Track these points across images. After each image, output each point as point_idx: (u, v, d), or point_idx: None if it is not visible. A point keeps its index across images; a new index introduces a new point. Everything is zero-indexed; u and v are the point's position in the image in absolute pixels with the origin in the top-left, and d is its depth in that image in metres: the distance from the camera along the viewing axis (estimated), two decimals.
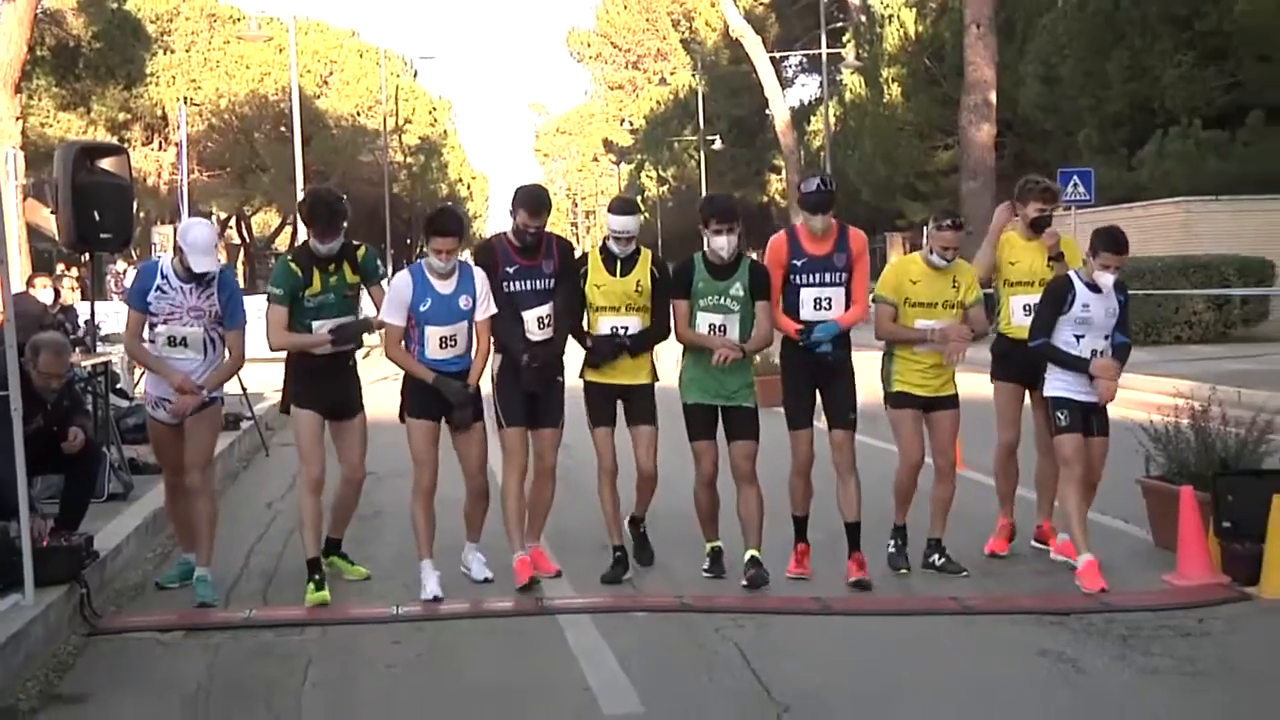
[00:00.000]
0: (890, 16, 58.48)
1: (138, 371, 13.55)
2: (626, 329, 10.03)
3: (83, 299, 17.89)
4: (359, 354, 10.44)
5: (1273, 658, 8.24)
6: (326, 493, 10.17)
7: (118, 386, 14.99)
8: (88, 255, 16.71)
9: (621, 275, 10.00)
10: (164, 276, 9.79)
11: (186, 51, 69.53)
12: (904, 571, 10.23)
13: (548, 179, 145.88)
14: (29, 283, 17.84)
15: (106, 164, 14.65)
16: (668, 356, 10.15)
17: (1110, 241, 10.04)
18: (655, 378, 10.28)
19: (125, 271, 37.19)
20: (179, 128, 58.55)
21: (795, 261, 10.05)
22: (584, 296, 10.18)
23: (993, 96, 42.53)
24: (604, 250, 10.15)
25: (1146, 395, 10.87)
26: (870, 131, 56.41)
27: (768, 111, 65.07)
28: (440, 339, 9.69)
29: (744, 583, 9.81)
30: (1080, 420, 10.12)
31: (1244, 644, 8.51)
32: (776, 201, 71.95)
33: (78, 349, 12.77)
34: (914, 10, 56.26)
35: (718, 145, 72.70)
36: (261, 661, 8.49)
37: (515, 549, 9.97)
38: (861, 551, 10.07)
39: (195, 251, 9.69)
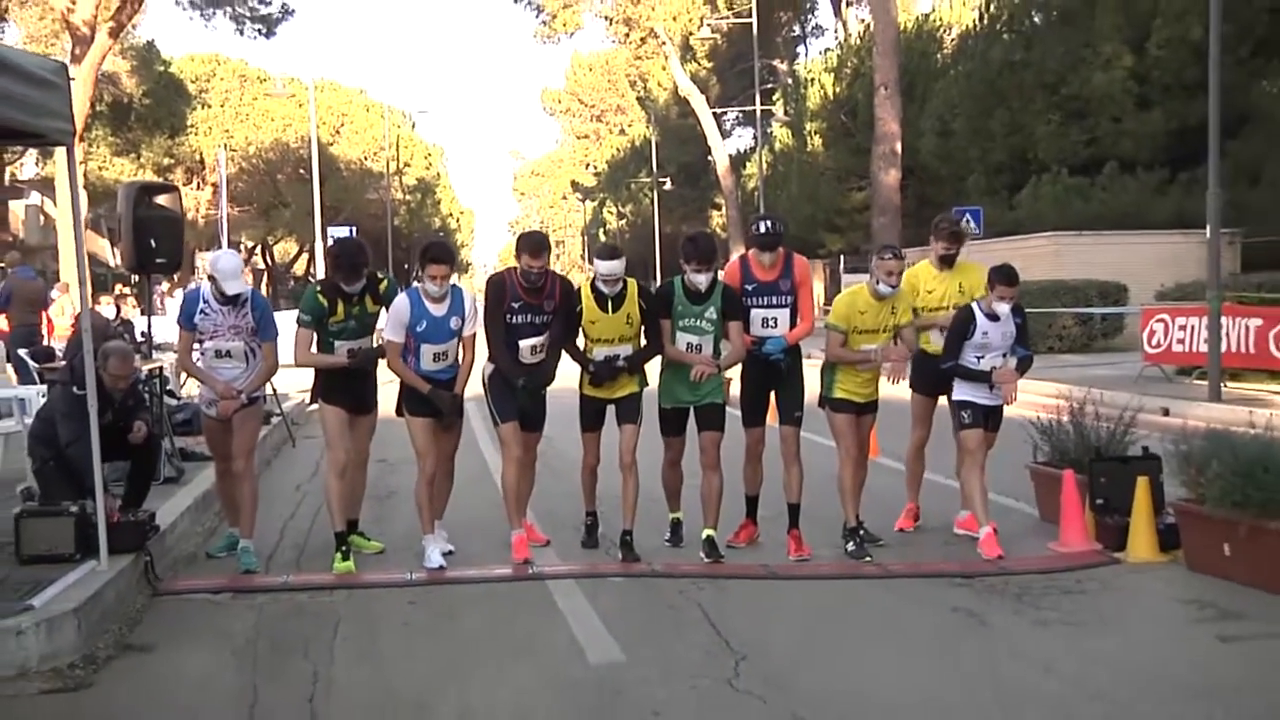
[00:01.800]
0: (812, 79, 58.75)
1: (184, 375, 13.47)
2: (619, 355, 9.98)
3: (141, 314, 17.80)
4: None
5: (1135, 609, 8.45)
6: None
7: (168, 388, 14.92)
8: (137, 276, 16.72)
9: (613, 311, 9.89)
10: (205, 301, 9.88)
11: (221, 106, 69.75)
12: (869, 559, 9.93)
13: (524, 214, 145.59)
14: (94, 301, 17.78)
15: (161, 200, 14.67)
16: (652, 363, 10.16)
17: (1004, 276, 10.17)
18: (645, 384, 10.26)
19: (169, 290, 37.05)
20: (216, 170, 58.39)
21: (747, 285, 10.13)
22: (579, 328, 10.10)
23: (898, 147, 42.77)
24: (594, 289, 9.98)
25: (1032, 396, 10.99)
26: (796, 175, 56.51)
27: (710, 158, 65.15)
28: (433, 354, 9.79)
29: (702, 555, 9.86)
30: (982, 418, 10.29)
31: (1113, 599, 8.71)
32: (718, 233, 71.94)
33: (137, 356, 12.72)
34: (832, 75, 56.45)
35: (668, 186, 72.73)
36: (298, 619, 8.50)
37: (514, 527, 9.96)
38: (799, 528, 10.14)
39: (226, 277, 9.78)
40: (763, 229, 10.24)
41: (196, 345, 10.11)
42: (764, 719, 6.45)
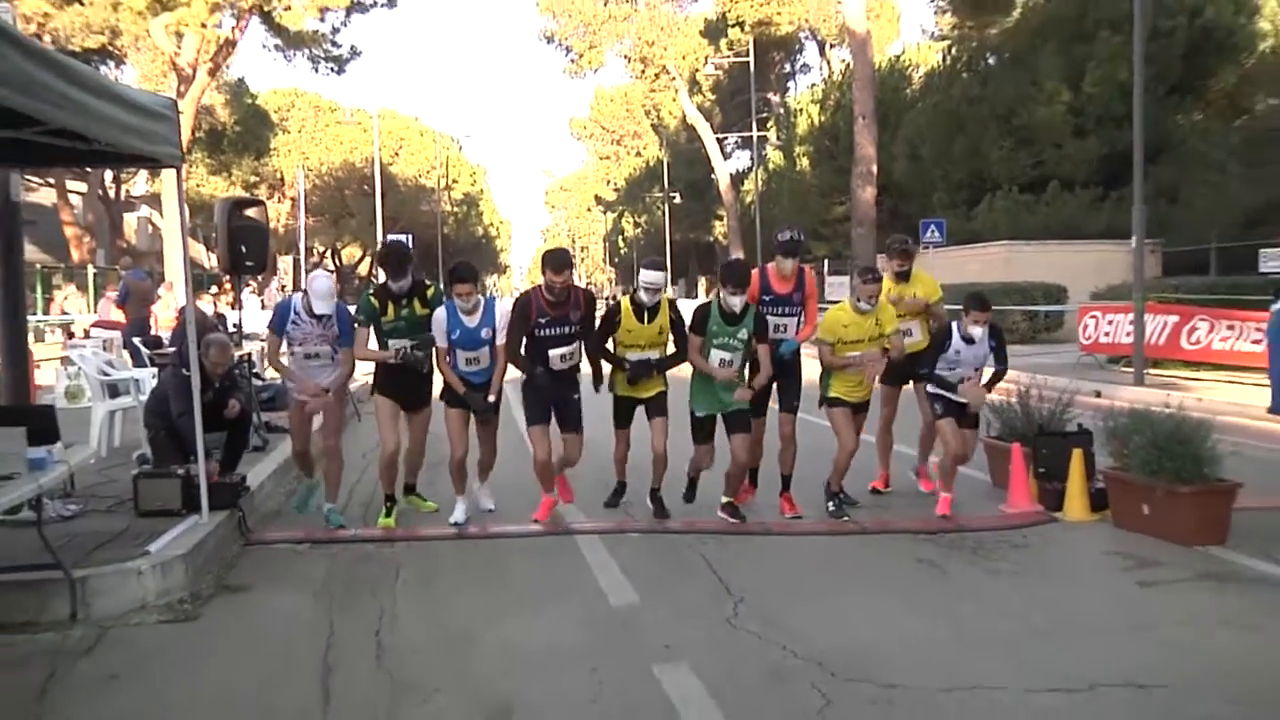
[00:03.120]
0: (801, 110, 58.74)
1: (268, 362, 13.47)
2: (649, 359, 9.77)
3: (231, 309, 17.86)
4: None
5: (1071, 560, 8.48)
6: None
7: (255, 371, 14.98)
8: (228, 277, 16.79)
9: (648, 322, 9.72)
10: (296, 313, 9.79)
11: (299, 132, 69.98)
12: (847, 518, 9.92)
13: (554, 223, 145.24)
14: (196, 297, 17.82)
15: (250, 212, 14.67)
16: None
17: (978, 303, 9.93)
18: (665, 386, 9.96)
19: (251, 288, 37.07)
20: (294, 186, 58.53)
21: (765, 297, 10.06)
22: (613, 334, 9.89)
23: (874, 168, 42.70)
24: (634, 302, 9.78)
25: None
26: (787, 192, 56.53)
27: (713, 176, 65.04)
28: (466, 359, 9.65)
29: (721, 514, 9.85)
30: (955, 410, 10.03)
31: (1053, 551, 8.76)
32: (719, 241, 71.77)
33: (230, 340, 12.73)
34: (817, 106, 56.44)
35: (677, 200, 72.50)
36: (365, 565, 8.53)
37: (545, 491, 9.94)
38: (790, 493, 10.21)
39: (317, 297, 9.69)
40: (787, 236, 10.24)
41: (287, 348, 9.99)
42: (757, 650, 6.46)
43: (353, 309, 10.05)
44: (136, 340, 17.81)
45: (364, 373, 12.26)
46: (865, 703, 5.61)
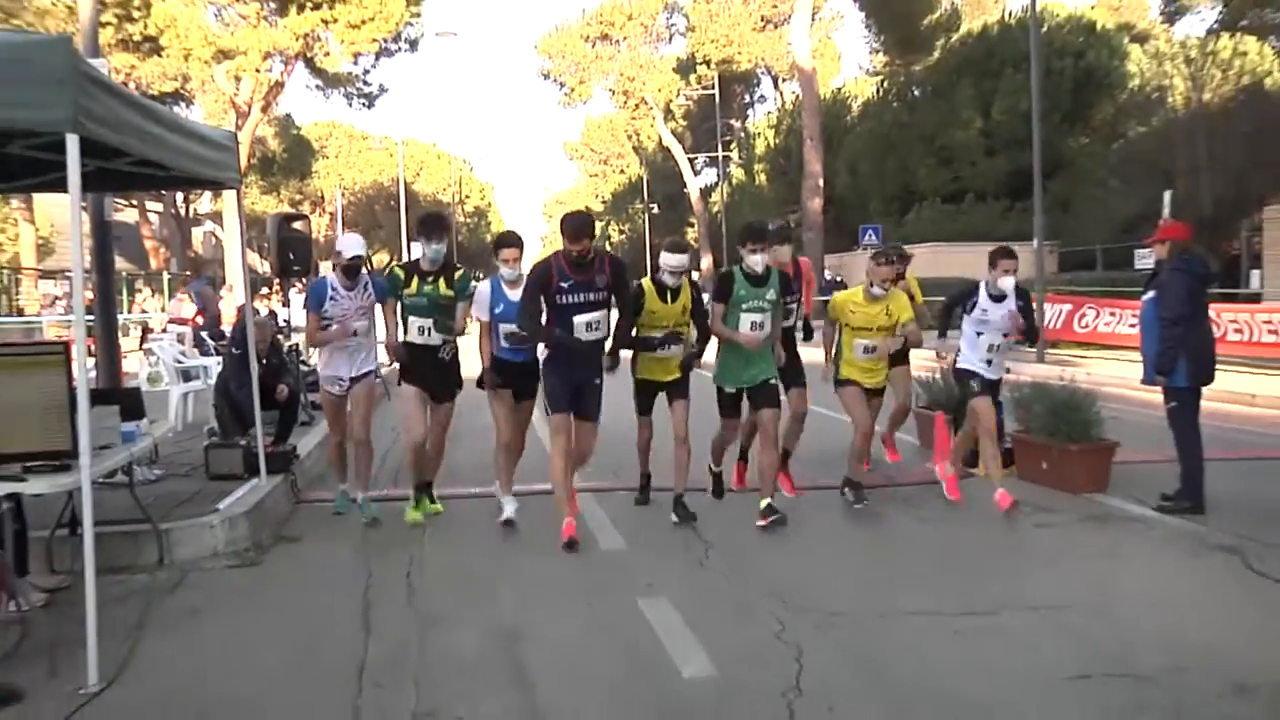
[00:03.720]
0: (758, 133, 59.02)
1: (312, 350, 13.34)
2: (678, 334, 8.20)
3: (282, 307, 17.85)
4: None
5: (985, 507, 8.37)
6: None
7: (302, 358, 15.00)
8: (278, 280, 16.89)
9: (671, 302, 8.12)
10: (333, 289, 8.41)
11: (335, 157, 69.97)
12: (866, 503, 8.66)
13: (551, 232, 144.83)
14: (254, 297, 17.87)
15: (296, 225, 14.64)
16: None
17: (1005, 252, 8.77)
18: (685, 371, 8.30)
19: (298, 288, 37.06)
20: (332, 203, 58.41)
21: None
22: (640, 310, 8.16)
23: (820, 182, 42.66)
24: (656, 282, 8.18)
25: (919, 361, 10.83)
26: (748, 202, 56.46)
27: (685, 190, 64.97)
28: (507, 333, 8.01)
29: (760, 523, 7.96)
30: (988, 387, 8.87)
31: (969, 501, 8.74)
32: (692, 244, 71.64)
33: (280, 335, 12.71)
34: (773, 130, 56.76)
35: (655, 211, 72.34)
36: (397, 520, 8.49)
37: (564, 513, 7.73)
38: (787, 470, 9.21)
39: (348, 247, 8.49)
40: (778, 224, 9.43)
41: (324, 329, 8.50)
42: (725, 587, 6.54)
43: None
44: (204, 334, 17.89)
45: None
46: (813, 628, 5.68)
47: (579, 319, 7.56)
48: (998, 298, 8.69)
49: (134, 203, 51.12)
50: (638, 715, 4.67)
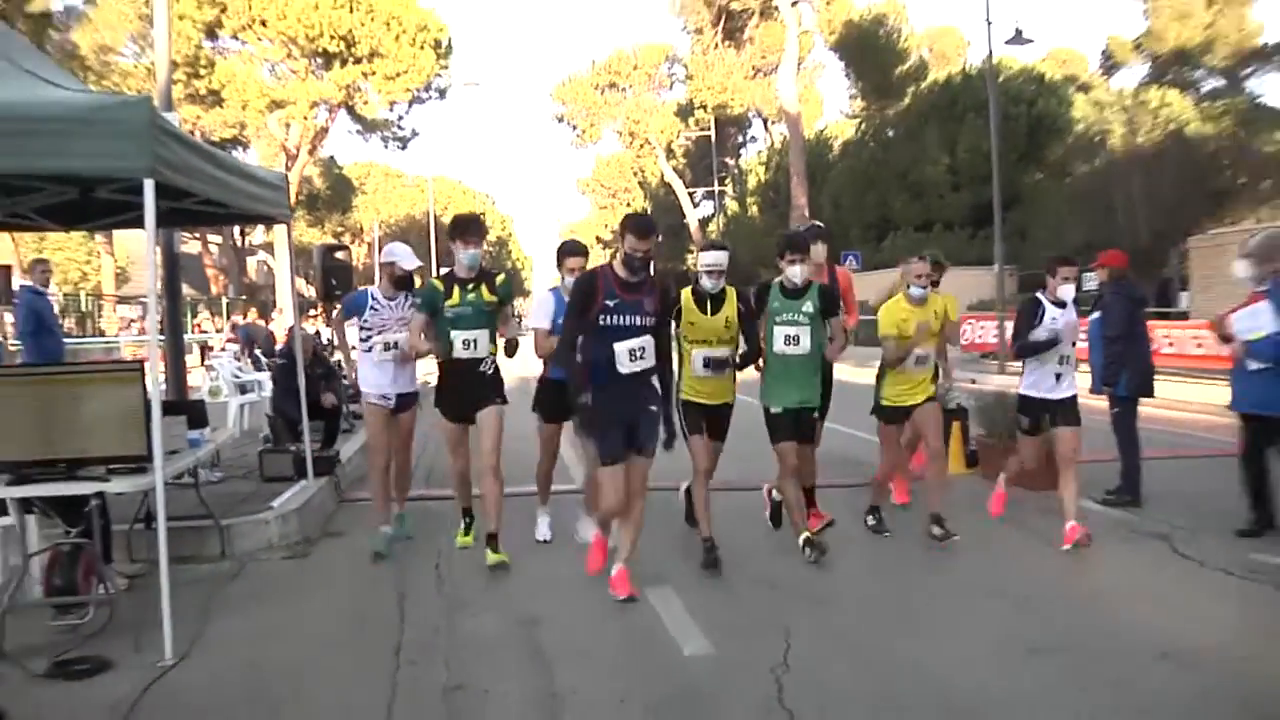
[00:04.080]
0: (750, 170, 58.99)
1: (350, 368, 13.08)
2: (717, 357, 6.74)
3: (326, 327, 17.97)
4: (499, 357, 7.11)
5: (951, 503, 7.79)
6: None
7: (343, 373, 15.08)
8: (323, 303, 17.04)
9: (712, 314, 6.71)
10: (374, 299, 7.44)
11: (373, 193, 69.87)
12: (888, 534, 7.66)
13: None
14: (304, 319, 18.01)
15: (339, 255, 14.72)
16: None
17: (1063, 259, 7.52)
18: (733, 398, 6.99)
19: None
20: (369, 234, 58.49)
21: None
22: (676, 336, 6.71)
23: (806, 213, 42.49)
24: (694, 292, 6.78)
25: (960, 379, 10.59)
26: (742, 233, 56.31)
27: (685, 221, 65.00)
28: None
29: (811, 558, 6.75)
30: (1055, 415, 7.38)
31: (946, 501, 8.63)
32: (690, 269, 71.46)
33: (325, 351, 12.74)
34: (763, 167, 56.62)
35: (659, 240, 72.27)
36: (427, 518, 8.43)
37: (599, 533, 6.64)
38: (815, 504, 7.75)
39: (403, 257, 7.56)
40: (810, 225, 8.41)
41: (361, 345, 7.53)
42: (724, 577, 6.57)
43: None
44: (258, 352, 18.03)
45: (426, 372, 11.82)
46: (800, 611, 5.75)
47: (621, 346, 5.93)
48: (1059, 305, 7.48)
49: (198, 236, 51.39)
50: (643, 688, 4.72)
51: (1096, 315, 8.79)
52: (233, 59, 39.14)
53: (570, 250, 7.34)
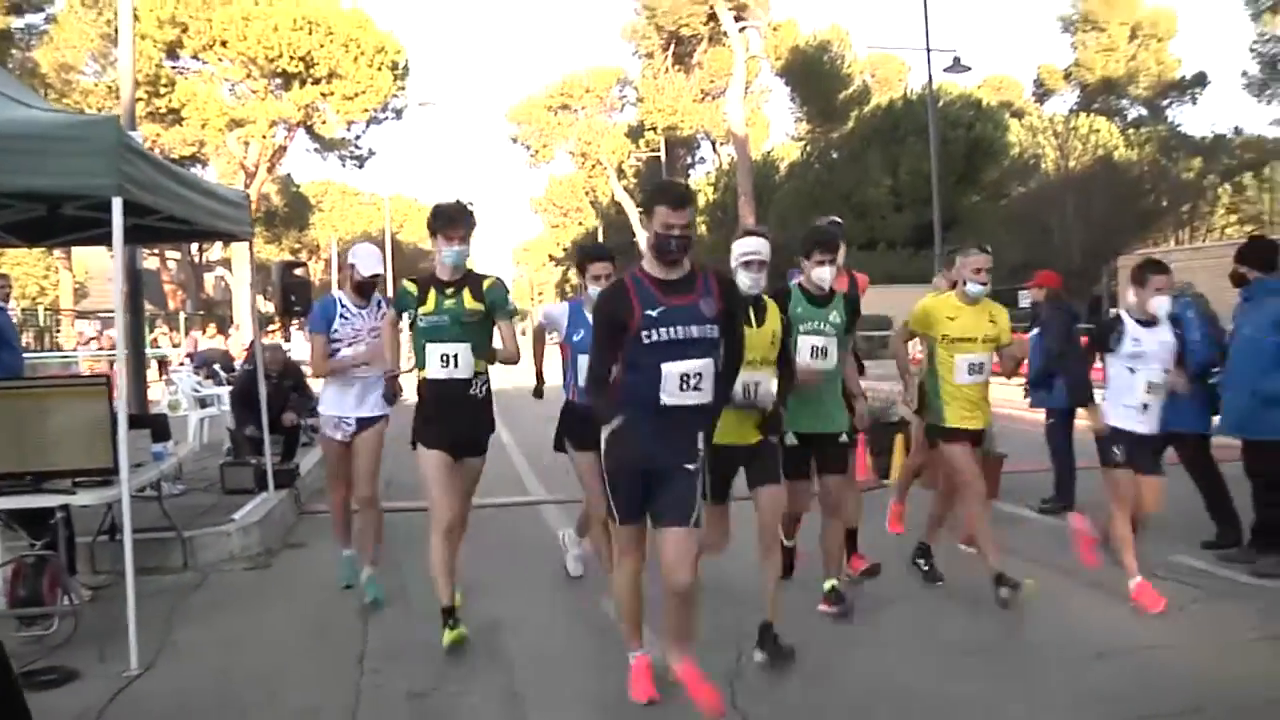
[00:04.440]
0: (699, 190, 59.00)
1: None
2: (758, 385, 4.81)
3: (285, 342, 17.87)
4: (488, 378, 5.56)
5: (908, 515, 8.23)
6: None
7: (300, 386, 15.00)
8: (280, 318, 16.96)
9: (758, 325, 4.97)
10: (343, 306, 6.28)
11: (330, 211, 69.27)
12: (940, 583, 6.45)
13: (519, 275, 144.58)
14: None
15: (298, 271, 14.65)
16: None
17: (1155, 265, 5.92)
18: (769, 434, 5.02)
19: (297, 324, 37.09)
20: (327, 251, 58.12)
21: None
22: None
23: None
24: None
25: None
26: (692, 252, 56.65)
27: (635, 240, 65.10)
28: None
29: (822, 608, 5.77)
30: (1138, 450, 5.93)
31: (883, 508, 8.50)
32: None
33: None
34: (712, 187, 57.03)
35: (614, 261, 72.21)
36: (390, 529, 8.02)
37: (630, 649, 4.74)
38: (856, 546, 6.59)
39: (364, 260, 6.28)
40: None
41: (335, 354, 6.29)
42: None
43: None
44: (216, 366, 17.86)
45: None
46: (752, 621, 5.79)
47: (671, 368, 4.16)
48: (1148, 323, 5.93)
49: (156, 252, 50.79)
50: (599, 692, 4.75)
51: (1035, 332, 9.06)
52: (193, 78, 38.95)
53: (594, 254, 5.91)
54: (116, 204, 4.99)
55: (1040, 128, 42.83)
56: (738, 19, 46.45)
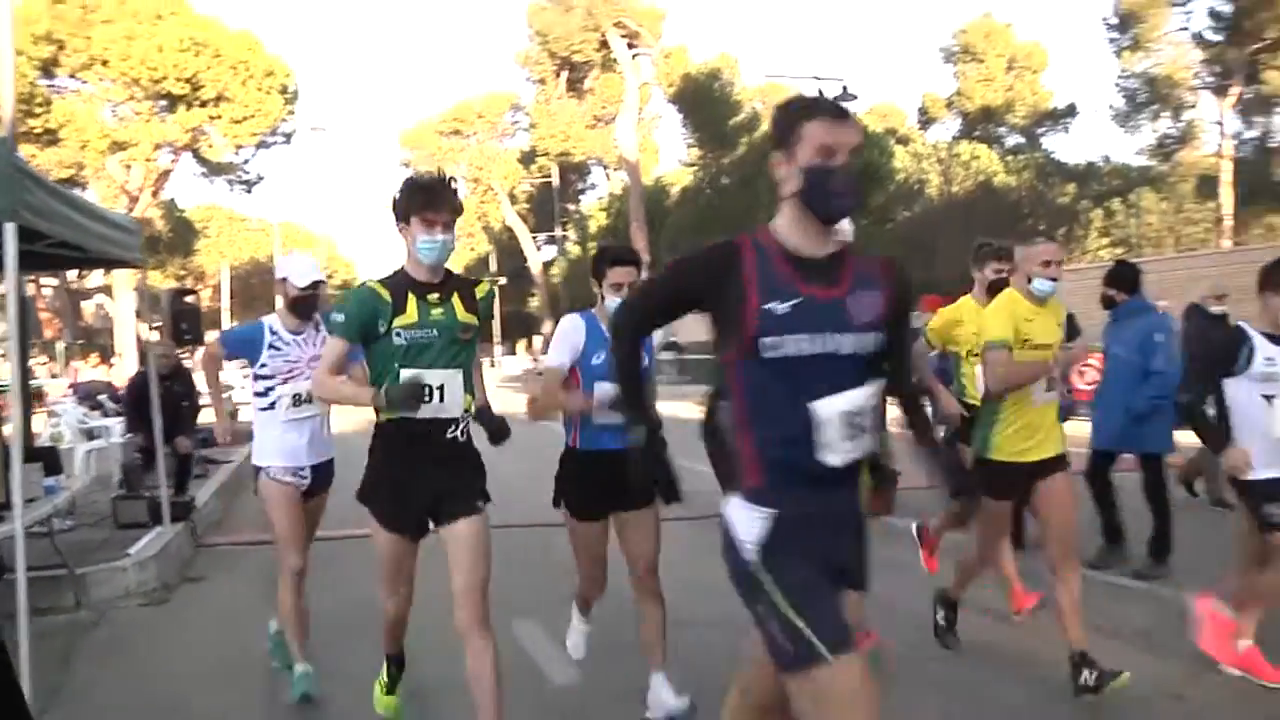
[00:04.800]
0: (591, 215, 59.91)
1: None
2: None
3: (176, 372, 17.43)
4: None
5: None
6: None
7: (207, 426, 14.64)
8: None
9: None
10: (274, 334, 5.00)
11: (216, 237, 67.75)
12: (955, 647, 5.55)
13: None
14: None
15: (188, 299, 14.34)
16: None
17: None
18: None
19: (186, 353, 36.15)
20: (214, 277, 56.82)
21: None
22: None
23: (647, 257, 43.28)
24: None
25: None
26: (582, 276, 56.86)
27: (527, 265, 65.22)
28: (611, 401, 4.12)
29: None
30: None
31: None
32: (533, 312, 71.72)
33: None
34: (604, 212, 57.67)
35: (503, 282, 72.15)
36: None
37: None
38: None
39: (298, 271, 5.01)
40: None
41: (262, 395, 5.04)
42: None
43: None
44: (102, 397, 17.33)
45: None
46: (675, 632, 5.82)
47: (830, 407, 2.62)
48: (1276, 339, 4.71)
49: (32, 278, 49.00)
50: (514, 716, 4.74)
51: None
52: (71, 98, 37.68)
53: (616, 258, 4.41)
54: (9, 230, 4.85)
55: (924, 154, 44.36)
56: (630, 46, 47.14)
